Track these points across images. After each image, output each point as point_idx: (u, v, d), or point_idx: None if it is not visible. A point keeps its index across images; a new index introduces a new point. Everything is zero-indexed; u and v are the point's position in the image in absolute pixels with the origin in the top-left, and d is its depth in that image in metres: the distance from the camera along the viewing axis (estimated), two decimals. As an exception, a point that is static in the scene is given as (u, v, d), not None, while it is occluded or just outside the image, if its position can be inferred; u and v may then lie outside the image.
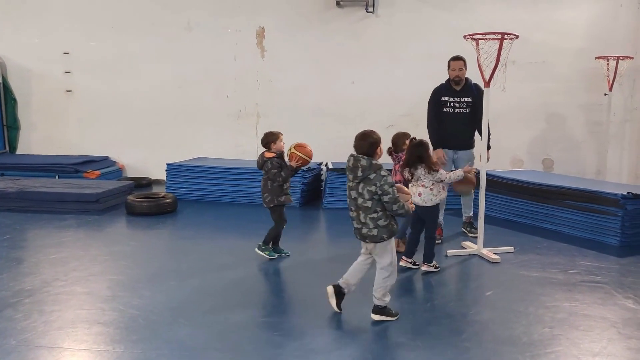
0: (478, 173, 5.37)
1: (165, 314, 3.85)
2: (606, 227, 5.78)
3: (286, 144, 5.30)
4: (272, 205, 5.09)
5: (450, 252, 5.38)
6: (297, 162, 5.04)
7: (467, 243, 5.61)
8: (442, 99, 5.88)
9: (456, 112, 5.86)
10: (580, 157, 8.52)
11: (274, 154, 5.09)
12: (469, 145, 6.04)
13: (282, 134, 5.20)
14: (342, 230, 6.37)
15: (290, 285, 4.53)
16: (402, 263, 4.86)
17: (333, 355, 3.31)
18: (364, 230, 3.77)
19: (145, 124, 9.22)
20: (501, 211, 6.74)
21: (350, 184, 3.78)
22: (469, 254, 5.39)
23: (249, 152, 9.08)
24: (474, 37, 5.17)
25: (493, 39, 5.11)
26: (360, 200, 3.72)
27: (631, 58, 7.80)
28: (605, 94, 7.92)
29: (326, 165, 7.97)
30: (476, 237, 5.59)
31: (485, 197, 5.54)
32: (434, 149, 5.92)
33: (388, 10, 8.59)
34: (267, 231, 5.21)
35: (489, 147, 5.87)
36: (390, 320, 3.80)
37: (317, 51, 8.74)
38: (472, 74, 5.85)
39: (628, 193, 5.71)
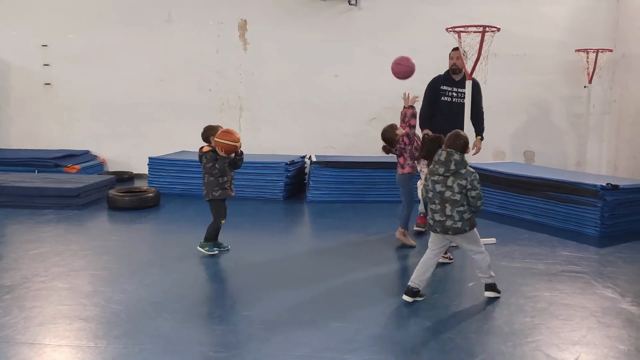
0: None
1: (148, 309, 3.82)
2: (586, 218, 5.87)
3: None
4: (207, 199, 5.01)
5: (433, 243, 5.42)
6: (222, 150, 4.78)
7: (450, 235, 5.65)
8: (442, 87, 5.90)
9: (454, 101, 5.91)
10: (560, 149, 8.64)
11: (210, 148, 4.92)
12: None
13: (221, 127, 4.94)
14: (326, 223, 6.40)
15: (274, 278, 4.52)
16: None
17: (317, 349, 3.31)
18: (448, 223, 3.92)
19: (127, 117, 9.12)
20: (485, 203, 6.77)
21: (437, 177, 3.93)
22: (452, 246, 5.41)
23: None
24: (456, 29, 5.20)
25: (475, 32, 5.14)
26: (448, 194, 3.89)
27: (610, 51, 7.90)
28: (585, 87, 8.04)
29: (309, 158, 7.96)
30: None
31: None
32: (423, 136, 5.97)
33: (371, 3, 8.58)
34: (252, 225, 5.20)
35: (482, 138, 5.94)
36: (497, 296, 4.07)
37: (300, 44, 8.70)
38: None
39: (607, 184, 5.79)
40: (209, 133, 4.97)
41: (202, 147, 5.00)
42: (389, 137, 5.20)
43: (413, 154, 5.25)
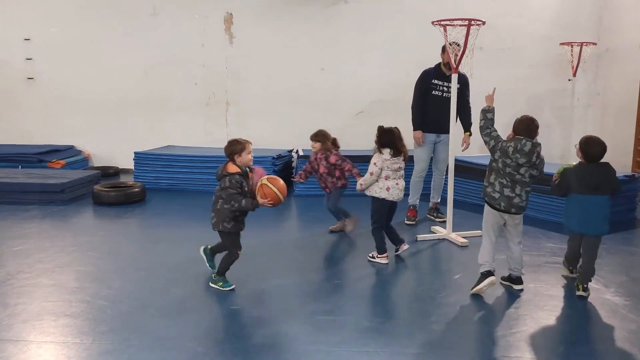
0: None
1: (135, 305, 3.80)
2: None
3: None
4: (217, 230, 4.15)
5: (420, 236, 5.45)
6: (267, 200, 3.97)
7: (437, 228, 5.69)
8: (433, 81, 5.90)
9: (444, 96, 5.91)
10: (545, 142, 8.55)
11: (238, 170, 4.00)
12: (449, 129, 6.11)
13: (250, 144, 4.04)
14: (314, 217, 6.39)
15: (262, 273, 4.51)
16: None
17: (304, 342, 3.32)
18: (516, 200, 3.96)
19: (112, 112, 9.04)
20: (470, 196, 6.85)
21: (510, 162, 3.90)
22: (438, 239, 5.47)
23: (219, 140, 8.96)
24: (442, 23, 5.19)
25: (460, 25, 5.14)
26: (518, 177, 3.93)
27: (594, 44, 7.97)
28: (569, 80, 8.10)
29: (297, 152, 7.95)
30: (444, 221, 5.75)
31: (455, 182, 5.62)
32: (415, 129, 6.00)
33: (357, -4, 8.57)
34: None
35: (470, 133, 6.00)
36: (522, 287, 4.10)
37: (286, 38, 8.67)
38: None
39: (591, 176, 5.84)
40: (234, 149, 3.99)
41: (227, 165, 4.01)
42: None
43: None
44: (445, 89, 5.93)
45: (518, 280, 4.15)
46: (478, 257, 4.12)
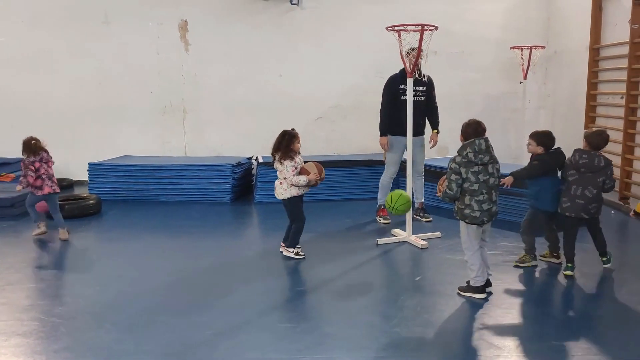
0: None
1: (90, 320, 3.69)
2: (524, 209, 6.07)
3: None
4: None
5: (380, 240, 5.49)
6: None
7: (397, 230, 5.75)
8: (400, 87, 5.95)
9: (414, 99, 5.99)
10: (499, 143, 8.78)
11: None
12: (422, 132, 6.26)
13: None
14: (275, 224, 6.35)
15: (223, 282, 4.45)
16: (281, 249, 5.10)
17: (266, 350, 3.29)
18: (494, 208, 4.06)
19: (64, 122, 8.76)
20: (429, 198, 6.93)
21: (478, 168, 3.94)
22: (399, 242, 5.52)
23: (177, 148, 8.87)
24: (396, 28, 5.26)
25: (414, 30, 5.23)
26: (492, 180, 4.00)
27: (543, 47, 8.23)
28: (520, 82, 8.33)
29: (256, 159, 7.90)
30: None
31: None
32: (381, 135, 6.08)
33: (313, 2, 8.59)
34: (200, 229, 5.07)
35: (438, 131, 6.21)
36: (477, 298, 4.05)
37: (243, 44, 8.62)
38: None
39: (543, 176, 6.02)
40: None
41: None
42: None
43: None
44: (414, 92, 6.03)
45: (487, 283, 4.17)
46: (471, 273, 4.09)
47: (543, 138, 4.62)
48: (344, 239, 5.67)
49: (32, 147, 5.74)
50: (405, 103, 5.84)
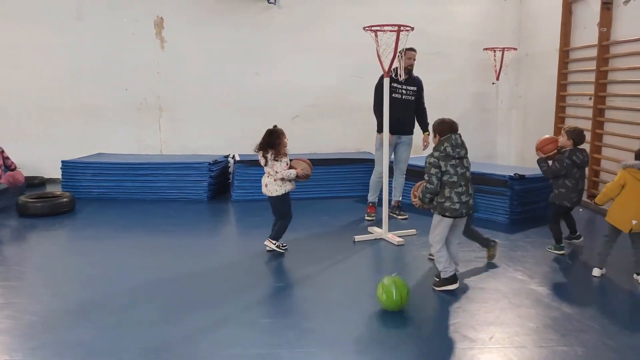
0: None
1: (67, 318, 3.67)
2: (497, 207, 6.25)
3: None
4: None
5: (357, 237, 5.55)
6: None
7: (374, 228, 5.82)
8: (392, 85, 6.01)
9: (403, 98, 6.15)
10: (473, 143, 8.95)
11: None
12: (410, 131, 6.35)
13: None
14: (252, 222, 6.38)
15: (203, 281, 4.46)
16: (266, 242, 5.13)
17: (247, 346, 3.32)
18: (471, 201, 4.23)
19: (36, 119, 8.62)
20: (405, 196, 7.02)
21: (455, 161, 4.11)
22: (375, 239, 5.60)
23: (152, 146, 8.80)
24: (373, 28, 5.34)
25: (390, 31, 5.31)
26: (468, 174, 4.18)
27: (515, 49, 8.42)
28: (493, 83, 8.52)
29: (233, 157, 7.90)
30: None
31: (390, 183, 5.79)
32: (379, 132, 6.16)
33: (290, 1, 8.63)
34: (177, 227, 5.06)
35: (429, 132, 6.24)
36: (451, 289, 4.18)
37: (219, 42, 8.60)
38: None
39: (515, 174, 6.20)
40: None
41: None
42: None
43: None
44: (404, 91, 6.15)
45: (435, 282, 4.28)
46: (439, 266, 4.21)
47: (574, 134, 5.04)
48: (322, 236, 5.72)
49: None
50: (396, 101, 5.95)
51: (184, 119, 8.78)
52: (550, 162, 5.13)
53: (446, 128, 4.20)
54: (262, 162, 5.05)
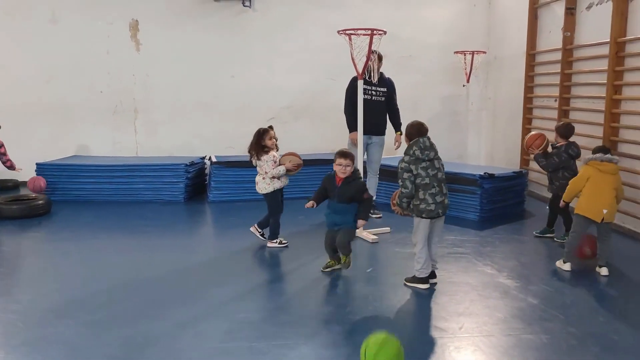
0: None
1: (49, 317, 3.71)
2: (467, 205, 6.46)
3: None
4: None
5: (333, 235, 5.68)
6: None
7: (348, 226, 5.96)
8: (363, 86, 6.12)
9: (373, 99, 6.27)
10: (444, 143, 9.22)
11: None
12: (382, 132, 6.49)
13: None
14: (230, 222, 6.47)
15: (181, 278, 4.54)
16: (252, 228, 5.45)
17: (225, 339, 3.42)
18: (446, 201, 4.34)
19: (9, 121, 8.46)
20: (380, 196, 7.18)
21: (426, 163, 4.23)
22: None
23: (128, 148, 8.80)
24: (347, 32, 5.49)
25: (364, 34, 5.47)
26: (440, 174, 4.29)
27: (484, 52, 8.68)
28: (463, 86, 8.76)
29: (209, 159, 7.96)
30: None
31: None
32: (350, 131, 6.29)
33: (265, 4, 8.74)
34: (154, 228, 5.12)
35: (401, 132, 6.40)
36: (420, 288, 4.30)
37: (194, 45, 8.66)
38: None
39: (485, 173, 6.42)
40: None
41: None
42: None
43: None
44: (374, 92, 6.29)
45: (432, 275, 4.44)
46: (416, 265, 4.33)
47: (566, 130, 5.45)
48: (298, 235, 5.83)
49: None
50: (367, 102, 6.08)
51: (160, 121, 8.81)
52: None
53: (414, 131, 4.32)
54: (253, 162, 5.26)
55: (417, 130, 4.31)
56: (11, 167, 7.19)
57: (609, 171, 4.62)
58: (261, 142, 5.21)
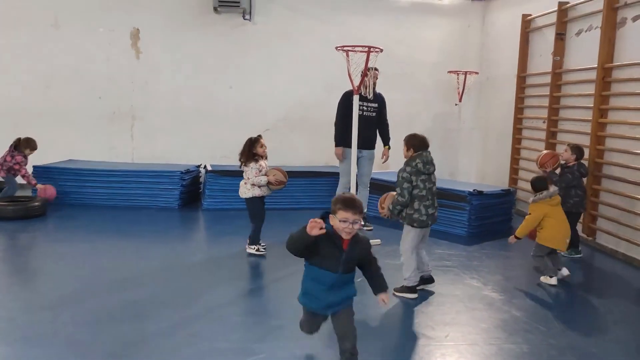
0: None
1: (46, 314, 3.80)
2: (456, 220, 6.62)
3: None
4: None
5: (324, 246, 5.80)
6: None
7: (340, 237, 6.08)
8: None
9: (364, 114, 6.44)
10: (436, 160, 9.36)
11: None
12: (372, 146, 6.66)
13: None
14: (223, 229, 6.57)
15: (176, 281, 4.63)
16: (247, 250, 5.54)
17: (220, 340, 3.52)
18: (436, 213, 4.54)
19: (8, 124, 8.59)
20: (371, 209, 7.32)
21: (424, 177, 4.43)
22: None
23: (124, 154, 8.90)
24: (345, 48, 5.66)
25: (361, 51, 5.64)
26: (434, 188, 4.51)
27: (477, 73, 8.91)
28: (456, 104, 8.97)
29: (205, 167, 8.08)
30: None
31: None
32: (336, 146, 6.46)
33: (264, 18, 8.93)
34: (149, 233, 5.21)
35: (389, 147, 6.65)
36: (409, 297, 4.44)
37: (194, 55, 8.82)
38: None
39: (474, 190, 6.60)
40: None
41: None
42: None
43: None
44: (365, 108, 6.46)
45: (430, 279, 4.65)
46: (405, 274, 4.50)
47: (578, 150, 5.79)
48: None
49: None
50: (359, 117, 6.24)
51: (157, 128, 8.93)
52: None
53: (418, 143, 4.50)
54: (242, 167, 5.46)
55: (421, 142, 4.50)
56: (29, 182, 7.18)
57: (558, 203, 4.96)
58: (252, 149, 5.39)
